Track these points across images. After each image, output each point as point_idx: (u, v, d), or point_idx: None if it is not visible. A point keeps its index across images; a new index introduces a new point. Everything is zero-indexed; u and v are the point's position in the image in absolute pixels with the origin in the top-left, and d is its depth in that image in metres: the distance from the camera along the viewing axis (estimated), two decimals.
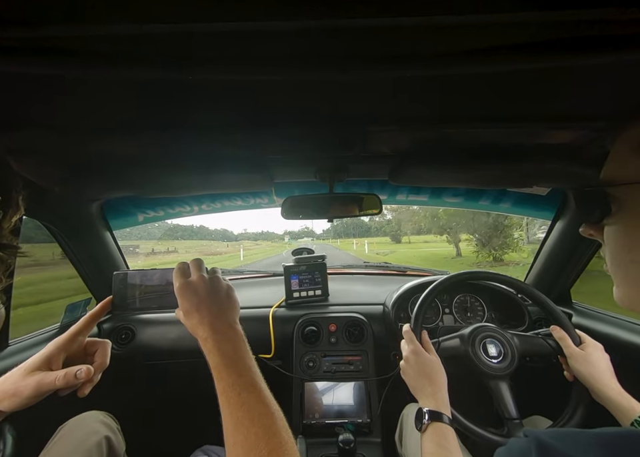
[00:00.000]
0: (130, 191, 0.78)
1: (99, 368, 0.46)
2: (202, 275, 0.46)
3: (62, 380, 0.41)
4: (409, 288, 1.01)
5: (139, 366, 1.01)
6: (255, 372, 0.39)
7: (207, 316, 0.42)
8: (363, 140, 0.61)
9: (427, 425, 0.54)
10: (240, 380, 0.37)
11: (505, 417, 0.66)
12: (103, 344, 0.48)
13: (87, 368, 0.43)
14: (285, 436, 0.34)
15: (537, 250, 1.06)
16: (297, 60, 0.34)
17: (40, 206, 0.75)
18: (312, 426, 0.88)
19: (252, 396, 0.36)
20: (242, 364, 0.39)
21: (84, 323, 0.47)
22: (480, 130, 0.54)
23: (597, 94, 0.43)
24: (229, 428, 0.34)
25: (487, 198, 1.05)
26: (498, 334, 0.74)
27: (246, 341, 0.42)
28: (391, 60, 0.34)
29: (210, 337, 0.41)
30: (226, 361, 0.39)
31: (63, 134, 0.50)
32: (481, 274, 0.86)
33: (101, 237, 0.96)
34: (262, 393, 0.37)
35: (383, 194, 1.06)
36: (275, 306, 1.07)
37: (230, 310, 0.45)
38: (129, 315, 1.06)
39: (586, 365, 0.64)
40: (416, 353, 0.65)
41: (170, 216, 1.13)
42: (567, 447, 0.24)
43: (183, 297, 0.44)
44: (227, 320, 0.43)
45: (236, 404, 0.35)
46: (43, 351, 0.43)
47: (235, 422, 0.34)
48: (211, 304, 0.43)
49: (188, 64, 0.33)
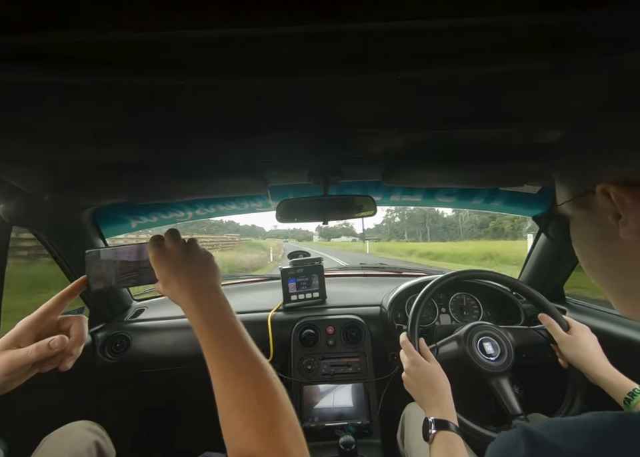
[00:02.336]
0: (121, 198, 0.77)
1: (77, 342, 0.44)
2: (177, 243, 0.44)
3: (34, 351, 0.39)
4: (405, 288, 1.01)
5: (135, 374, 0.99)
6: (241, 330, 0.38)
7: (185, 282, 0.41)
8: (354, 143, 0.62)
9: (434, 434, 0.54)
10: (225, 336, 0.37)
11: (509, 414, 0.66)
12: (78, 318, 0.46)
13: (60, 337, 0.41)
14: (275, 386, 0.34)
15: (530, 248, 1.07)
16: (287, 65, 0.34)
17: (29, 214, 0.73)
18: (312, 429, 0.88)
19: (238, 350, 0.36)
20: (225, 322, 0.38)
21: (55, 301, 0.45)
22: (471, 131, 0.55)
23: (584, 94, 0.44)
24: (217, 383, 0.35)
25: (480, 197, 1.06)
26: (493, 332, 0.74)
27: (229, 304, 0.41)
28: (380, 62, 0.34)
29: (191, 300, 0.39)
30: (208, 320, 0.38)
31: (51, 141, 0.49)
32: (475, 272, 0.87)
33: (93, 245, 0.95)
34: (248, 347, 0.37)
35: (377, 195, 1.06)
36: (273, 310, 1.06)
37: (210, 275, 0.43)
38: (124, 323, 1.05)
39: (575, 349, 0.66)
40: (416, 364, 0.65)
41: (164, 222, 1.12)
42: (554, 435, 0.24)
43: (159, 265, 0.43)
44: (207, 285, 0.42)
45: (222, 358, 0.35)
46: (11, 331, 0.42)
47: (223, 376, 0.35)
48: (189, 268, 0.42)
49: (178, 70, 0.33)
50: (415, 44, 0.32)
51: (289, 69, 0.34)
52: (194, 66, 0.33)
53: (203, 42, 0.30)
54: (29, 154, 0.54)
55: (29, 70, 0.31)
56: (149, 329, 1.02)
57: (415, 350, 0.67)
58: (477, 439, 0.64)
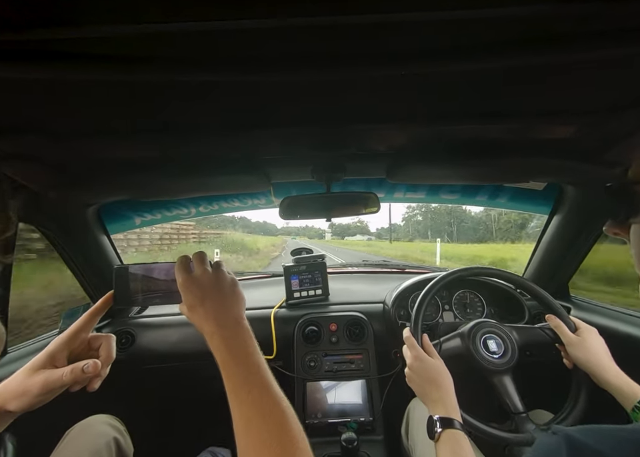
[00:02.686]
0: (126, 195, 0.77)
1: (105, 362, 0.45)
2: (206, 269, 0.45)
3: (69, 375, 0.41)
4: (408, 285, 1.01)
5: (140, 370, 1.01)
6: (265, 368, 0.38)
7: (211, 311, 0.41)
8: (358, 139, 0.61)
9: (440, 433, 0.54)
10: (250, 377, 0.37)
11: (511, 411, 0.66)
12: (107, 338, 0.48)
13: (93, 361, 0.42)
14: (296, 432, 0.34)
15: (535, 245, 1.06)
16: (291, 60, 0.33)
17: (35, 211, 0.74)
18: (314, 425, 0.88)
19: (263, 394, 0.35)
20: (251, 360, 0.38)
21: (85, 319, 0.46)
22: (475, 127, 0.54)
23: (592, 88, 0.43)
24: (239, 428, 0.34)
25: (484, 194, 1.05)
26: (497, 329, 0.74)
27: (253, 337, 0.42)
28: (385, 58, 0.34)
29: (216, 332, 0.40)
30: (235, 359, 0.38)
31: (57, 138, 0.49)
32: (479, 270, 0.86)
33: (97, 241, 0.96)
34: (272, 390, 0.36)
35: (380, 192, 1.06)
36: (276, 306, 1.07)
37: (235, 305, 0.44)
38: (128, 319, 1.06)
39: (583, 351, 0.65)
40: (419, 359, 0.65)
41: (167, 219, 1.13)
42: (599, 443, 0.24)
43: (186, 291, 0.43)
44: (232, 315, 0.42)
45: (246, 403, 0.35)
46: (46, 349, 0.43)
47: (246, 422, 0.34)
48: (215, 298, 0.42)
49: (182, 65, 0.33)
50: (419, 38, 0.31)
51: (292, 64, 0.34)
52: (196, 62, 0.33)
53: (206, 37, 0.30)
54: (35, 152, 0.54)
55: (33, 67, 0.31)
56: (154, 325, 1.03)
57: (418, 346, 0.67)
58: (479, 435, 0.64)
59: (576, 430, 0.26)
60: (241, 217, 53.32)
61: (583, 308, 0.93)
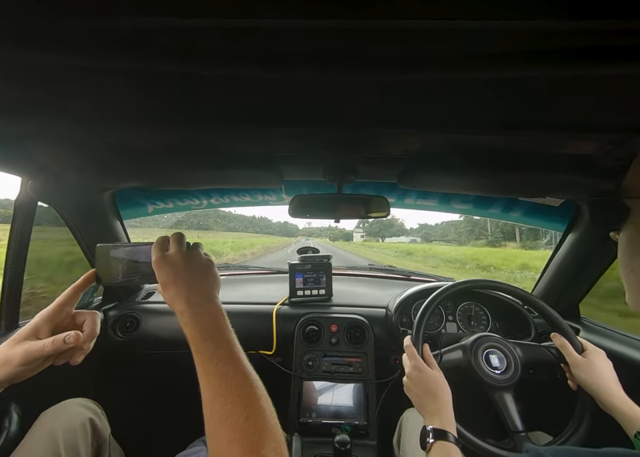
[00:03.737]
0: (142, 182, 0.79)
1: (89, 337, 0.46)
2: (180, 248, 0.45)
3: (50, 345, 0.41)
4: (413, 293, 1.00)
5: (142, 354, 1.03)
6: (234, 344, 0.39)
7: (183, 289, 0.42)
8: (374, 142, 0.61)
9: (432, 444, 0.53)
10: (218, 351, 0.37)
11: (510, 430, 0.65)
12: (91, 314, 0.48)
13: (75, 332, 0.43)
14: (263, 404, 0.34)
15: (547, 262, 1.04)
16: (311, 59, 0.34)
17: (55, 192, 0.76)
18: (308, 424, 0.88)
19: (230, 366, 0.36)
20: (220, 336, 0.39)
21: (68, 294, 0.47)
22: (494, 137, 0.53)
23: (618, 105, 0.42)
24: (206, 398, 0.35)
25: (497, 207, 1.03)
26: (500, 344, 0.73)
27: (225, 315, 0.42)
28: (406, 62, 0.33)
29: (186, 310, 0.40)
30: (203, 334, 0.38)
31: (81, 122, 0.51)
32: (486, 283, 0.85)
33: (111, 226, 0.98)
34: (240, 363, 0.37)
35: (391, 197, 1.05)
36: (279, 303, 1.07)
37: (208, 284, 0.44)
38: (134, 303, 1.08)
39: (589, 373, 0.63)
40: (418, 369, 0.64)
41: (179, 208, 1.15)
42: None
43: (159, 270, 0.44)
44: (204, 294, 0.42)
45: (214, 374, 0.35)
46: (30, 322, 0.44)
47: (213, 392, 0.35)
48: (187, 276, 0.43)
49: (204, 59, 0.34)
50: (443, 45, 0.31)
51: (316, 64, 0.34)
52: (219, 56, 0.33)
53: (230, 32, 0.30)
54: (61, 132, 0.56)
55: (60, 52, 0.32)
56: (158, 311, 1.05)
57: (418, 356, 0.67)
58: (474, 451, 0.62)
59: (547, 450, 0.26)
60: (261, 217, 53.20)
61: (592, 331, 0.90)
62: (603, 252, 0.86)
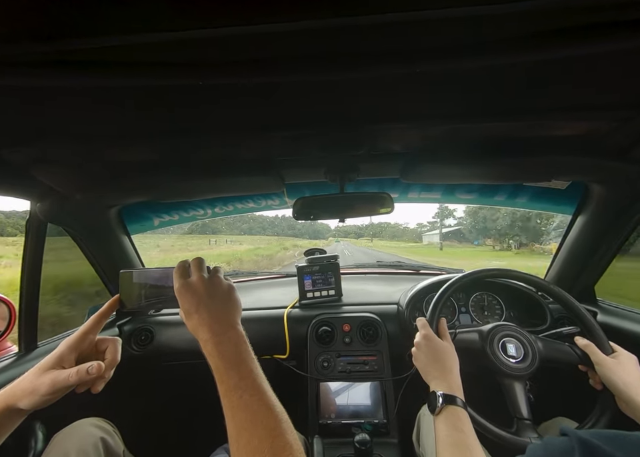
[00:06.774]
0: (146, 196, 0.80)
1: (109, 365, 0.47)
2: (201, 275, 0.45)
3: (75, 376, 0.42)
4: (424, 287, 0.99)
5: (159, 366, 1.04)
6: (258, 373, 0.38)
7: (206, 317, 0.42)
8: (372, 139, 0.61)
9: (441, 408, 0.53)
10: (241, 382, 0.37)
11: (514, 416, 0.64)
12: (113, 341, 0.49)
13: (97, 363, 0.44)
14: (289, 437, 0.33)
15: (557, 246, 1.02)
16: (303, 61, 0.34)
17: (62, 212, 0.78)
18: (328, 426, 0.88)
19: (254, 398, 0.35)
20: (243, 366, 0.38)
21: (92, 322, 0.47)
22: (497, 124, 0.53)
23: (619, 82, 0.41)
24: (232, 432, 0.34)
25: (503, 194, 1.02)
26: (519, 335, 0.71)
27: (248, 342, 0.42)
28: (399, 56, 0.33)
29: (210, 339, 0.40)
30: (226, 363, 0.38)
31: (82, 143, 0.52)
32: (498, 271, 0.84)
33: (119, 241, 1.00)
34: (264, 395, 0.36)
35: (394, 193, 1.05)
36: (289, 306, 1.07)
37: (230, 311, 0.44)
38: (147, 317, 1.09)
39: (617, 371, 0.60)
40: (427, 338, 0.64)
41: (185, 219, 1.16)
42: (614, 448, 0.23)
43: (182, 298, 0.44)
44: (227, 321, 0.42)
45: (238, 407, 0.35)
46: (55, 351, 0.45)
47: (238, 426, 0.34)
48: (210, 304, 0.43)
49: (198, 69, 0.34)
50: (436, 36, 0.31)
51: (307, 66, 0.34)
52: (212, 66, 0.34)
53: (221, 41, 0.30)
54: (63, 155, 0.57)
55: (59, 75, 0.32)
56: (171, 323, 1.06)
57: (429, 327, 0.67)
58: (482, 432, 0.61)
59: (587, 433, 0.25)
60: (284, 216, 48.98)
61: (610, 313, 0.88)
62: (616, 230, 0.84)
